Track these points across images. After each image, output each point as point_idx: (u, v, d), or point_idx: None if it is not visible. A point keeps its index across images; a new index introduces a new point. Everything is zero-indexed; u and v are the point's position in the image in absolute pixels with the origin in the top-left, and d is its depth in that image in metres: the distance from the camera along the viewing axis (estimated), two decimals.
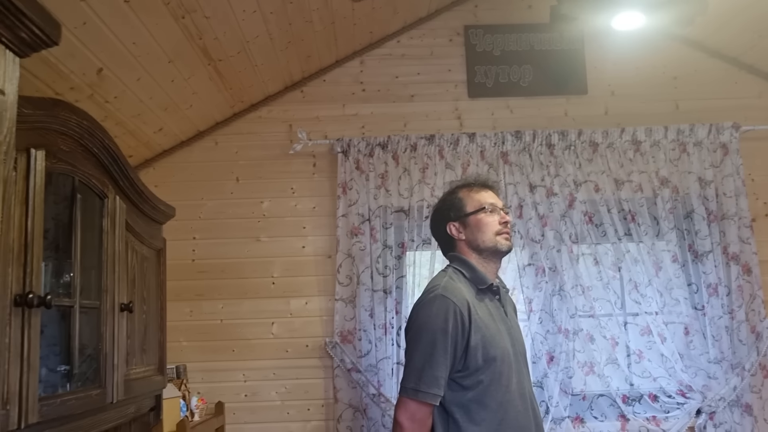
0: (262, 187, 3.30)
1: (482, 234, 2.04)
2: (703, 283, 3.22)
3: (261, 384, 3.16)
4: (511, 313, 2.15)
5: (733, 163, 3.30)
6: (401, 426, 1.91)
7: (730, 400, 3.10)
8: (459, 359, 1.90)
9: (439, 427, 1.92)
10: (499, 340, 1.94)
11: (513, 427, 1.91)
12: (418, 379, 1.88)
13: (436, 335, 1.88)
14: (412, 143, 3.23)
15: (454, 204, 2.09)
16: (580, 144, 3.29)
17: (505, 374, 1.93)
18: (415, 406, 1.89)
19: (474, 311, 1.93)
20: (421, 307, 1.97)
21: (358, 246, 3.14)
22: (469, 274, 2.04)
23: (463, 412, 1.90)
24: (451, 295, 1.92)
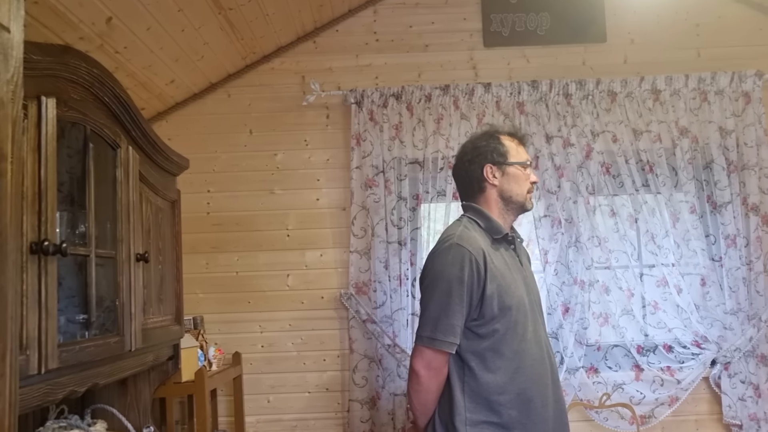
0: (276, 139, 3.28)
1: (518, 187, 2.05)
2: (721, 234, 3.18)
3: (277, 335, 3.19)
4: (526, 263, 2.15)
5: (755, 112, 3.23)
6: (417, 374, 1.92)
7: (746, 350, 3.10)
8: (475, 308, 1.90)
9: (454, 375, 1.93)
10: (514, 289, 1.94)
11: (529, 375, 1.92)
12: (434, 327, 1.89)
13: (452, 284, 1.88)
14: (426, 94, 3.19)
15: (498, 148, 2.06)
16: (598, 93, 3.23)
17: (520, 323, 1.93)
18: (431, 355, 1.90)
19: (489, 260, 1.92)
20: (436, 256, 1.96)
21: (373, 198, 3.13)
22: (485, 224, 2.02)
23: (478, 360, 1.91)
24: (466, 244, 1.91)
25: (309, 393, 3.18)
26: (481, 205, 2.07)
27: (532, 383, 1.91)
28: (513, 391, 1.89)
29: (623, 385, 3.13)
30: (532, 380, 1.91)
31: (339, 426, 3.16)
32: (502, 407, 1.88)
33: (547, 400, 1.94)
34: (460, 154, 2.14)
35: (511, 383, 1.89)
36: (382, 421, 3.05)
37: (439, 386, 1.93)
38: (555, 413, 1.96)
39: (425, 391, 1.93)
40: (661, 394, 3.12)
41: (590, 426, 3.14)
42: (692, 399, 3.16)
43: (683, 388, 3.12)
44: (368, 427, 3.07)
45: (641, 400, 3.11)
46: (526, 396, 1.89)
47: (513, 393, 1.89)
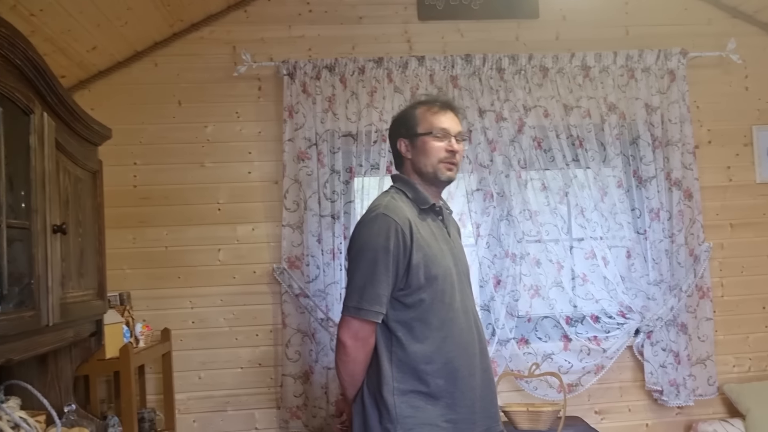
0: (206, 111, 3.19)
1: (425, 158, 2.02)
2: (646, 207, 3.28)
3: (208, 310, 3.13)
4: (455, 234, 2.15)
5: (679, 90, 3.32)
6: (344, 345, 1.92)
7: (667, 319, 3.22)
8: (401, 278, 1.90)
9: (382, 345, 1.93)
10: (441, 259, 1.95)
11: (456, 344, 1.94)
12: (359, 297, 1.88)
13: (377, 253, 1.88)
14: (360, 66, 3.15)
15: (408, 120, 2.06)
16: (531, 69, 3.26)
17: (447, 292, 1.94)
18: (357, 325, 1.90)
19: (416, 230, 1.92)
20: (362, 226, 1.95)
21: (305, 171, 3.09)
22: (412, 194, 2.02)
23: (406, 330, 1.91)
24: (392, 214, 1.91)
25: (241, 369, 3.14)
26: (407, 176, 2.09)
27: (460, 352, 1.93)
28: (440, 361, 1.90)
29: (552, 355, 3.21)
30: (459, 350, 1.93)
31: (272, 401, 3.14)
32: (430, 376, 1.89)
33: (475, 370, 1.96)
34: (389, 129, 2.18)
35: (438, 353, 1.90)
36: (315, 395, 3.04)
37: (367, 356, 1.93)
38: (483, 382, 1.99)
39: (352, 362, 1.93)
40: (587, 363, 3.21)
41: (520, 395, 3.21)
42: (617, 367, 3.27)
43: (609, 357, 3.22)
44: (301, 402, 3.06)
45: (569, 369, 3.20)
46: (453, 365, 1.91)
47: (440, 362, 1.90)
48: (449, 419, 1.90)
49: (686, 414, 3.31)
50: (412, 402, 1.88)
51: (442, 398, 1.90)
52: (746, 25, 3.50)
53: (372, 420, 1.91)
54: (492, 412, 2.02)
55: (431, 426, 1.88)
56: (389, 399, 1.88)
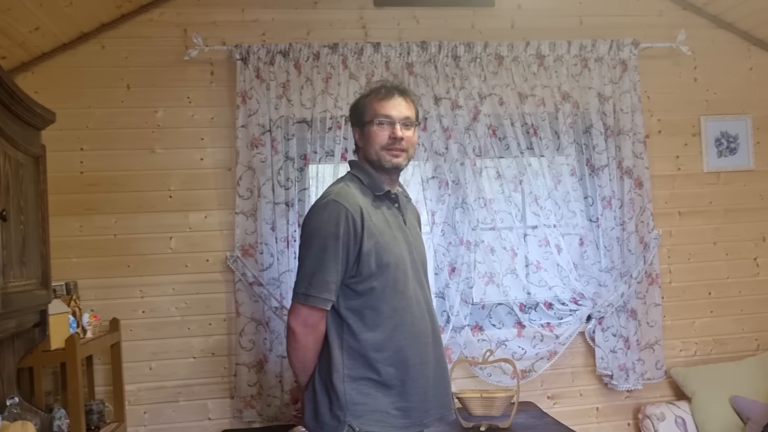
0: (156, 95, 3.10)
1: (370, 146, 2.02)
2: (599, 196, 3.33)
3: (159, 300, 3.07)
4: (412, 222, 2.14)
5: (631, 80, 3.37)
6: (294, 332, 1.90)
7: (618, 306, 3.28)
8: (352, 265, 1.89)
9: (333, 332, 1.92)
10: (393, 246, 1.94)
11: (408, 332, 1.93)
12: (308, 283, 1.87)
13: (326, 240, 1.86)
14: (315, 52, 3.11)
15: (359, 109, 2.07)
16: (486, 57, 3.26)
17: (400, 280, 1.93)
18: (306, 312, 1.89)
19: (368, 217, 1.91)
20: (313, 213, 1.94)
21: (259, 158, 3.04)
22: (366, 180, 2.01)
23: (356, 317, 1.90)
24: (343, 201, 1.90)
25: (194, 358, 3.09)
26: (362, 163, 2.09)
27: (411, 341, 1.93)
28: (391, 349, 1.90)
29: (506, 341, 3.24)
30: (411, 338, 1.93)
31: (225, 390, 3.10)
32: (380, 364, 1.89)
33: (427, 358, 1.96)
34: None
35: (389, 341, 1.90)
36: (269, 384, 3.01)
37: (317, 343, 1.92)
38: (436, 371, 1.99)
39: (303, 349, 1.92)
40: (540, 349, 3.25)
41: (475, 382, 3.24)
42: (569, 353, 3.33)
43: (561, 343, 3.27)
44: (256, 391, 3.02)
45: (522, 355, 3.23)
46: (404, 354, 1.91)
47: (391, 350, 1.90)
48: (400, 407, 1.90)
49: (635, 397, 3.39)
50: (363, 389, 1.88)
51: (393, 386, 1.90)
52: (696, 17, 3.56)
53: (322, 407, 1.91)
54: (445, 401, 2.02)
55: (381, 413, 1.88)
56: (339, 386, 1.87)
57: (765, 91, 3.62)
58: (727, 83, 3.58)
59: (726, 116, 3.57)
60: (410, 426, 1.92)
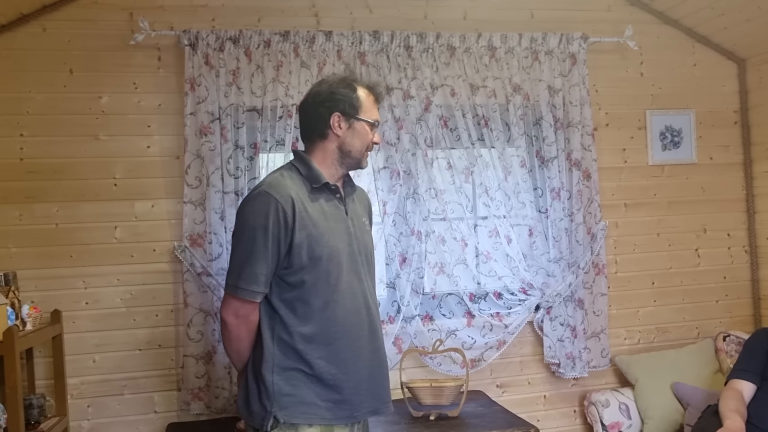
0: (100, 80, 3.01)
1: (359, 144, 2.02)
2: (548, 187, 3.38)
3: (103, 291, 2.99)
4: (357, 212, 2.11)
5: (580, 73, 3.42)
6: (225, 322, 1.92)
7: (566, 295, 3.34)
8: (284, 257, 1.87)
9: (265, 323, 1.92)
10: (328, 239, 1.91)
11: (341, 325, 1.92)
12: (238, 275, 1.87)
13: (256, 232, 1.85)
14: (265, 39, 3.06)
15: (352, 100, 2.01)
16: (438, 47, 3.27)
17: (333, 273, 1.91)
18: (237, 303, 1.89)
19: (301, 208, 1.89)
20: (244, 203, 1.92)
21: (208, 146, 2.98)
22: (305, 171, 1.98)
23: (288, 309, 1.90)
24: (274, 192, 1.88)
25: (140, 350, 3.03)
26: (315, 150, 2.04)
27: (343, 334, 1.92)
28: (322, 342, 1.90)
29: (456, 331, 3.27)
30: (342, 331, 1.92)
31: (172, 383, 3.04)
32: (311, 357, 1.89)
33: (361, 351, 1.95)
34: (314, 93, 2.06)
35: (319, 334, 1.90)
36: (218, 376, 2.97)
37: (250, 333, 1.93)
38: (371, 363, 1.98)
39: (236, 339, 1.94)
40: (490, 339, 3.29)
41: (425, 371, 3.26)
42: (518, 342, 3.38)
43: (510, 332, 3.32)
44: (204, 383, 2.98)
45: (472, 344, 3.27)
46: (335, 346, 1.91)
47: (322, 343, 1.90)
48: (330, 399, 1.91)
49: (581, 385, 3.46)
50: (292, 381, 1.88)
51: (323, 379, 1.90)
52: (642, 13, 3.64)
53: (252, 395, 1.92)
54: (380, 393, 2.01)
55: (309, 405, 1.88)
56: (268, 377, 1.88)
57: (708, 87, 3.73)
58: (671, 78, 3.67)
59: (670, 111, 3.66)
60: (340, 418, 1.92)
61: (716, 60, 3.75)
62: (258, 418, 1.89)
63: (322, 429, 1.89)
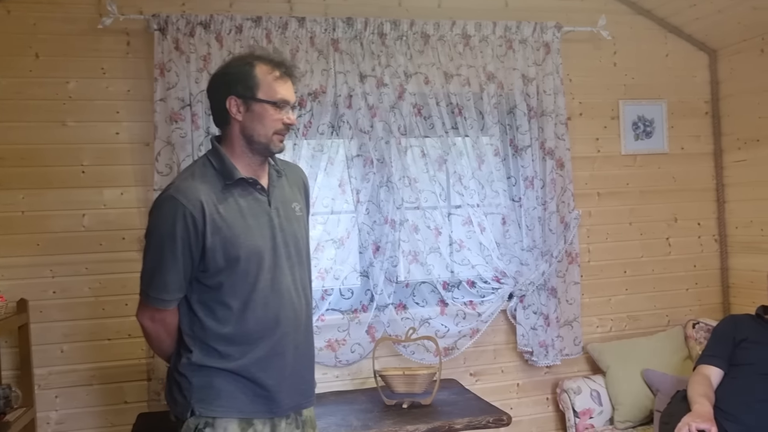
0: (67, 65, 2.95)
1: (261, 128, 1.87)
2: (521, 176, 3.38)
3: (72, 280, 2.94)
4: (286, 199, 1.99)
5: (553, 62, 3.43)
6: (143, 327, 1.90)
7: (539, 284, 3.35)
8: (198, 261, 1.82)
9: (185, 324, 1.89)
10: (246, 238, 1.85)
11: (261, 324, 1.88)
12: (148, 283, 1.85)
13: (163, 240, 1.80)
14: (237, 25, 3.02)
15: (246, 79, 1.87)
16: (412, 35, 3.25)
17: (252, 273, 1.86)
18: (151, 309, 1.87)
19: (212, 211, 1.82)
20: (153, 208, 1.86)
21: (179, 133, 2.94)
22: (218, 165, 1.89)
23: (206, 310, 1.86)
24: (181, 197, 1.80)
25: (109, 340, 2.98)
26: (225, 137, 1.93)
27: (264, 333, 1.88)
28: (241, 342, 1.87)
29: (429, 319, 3.27)
30: (264, 330, 1.88)
31: (143, 372, 3.00)
32: (232, 357, 1.86)
33: (284, 349, 1.91)
34: (213, 75, 1.96)
35: (240, 334, 1.86)
36: None
37: (170, 334, 1.91)
38: (295, 360, 1.94)
39: (156, 341, 1.93)
40: (463, 327, 3.29)
41: (398, 360, 3.26)
42: (491, 330, 3.38)
43: (483, 321, 3.32)
44: None
45: (446, 333, 3.27)
46: (256, 345, 1.87)
47: (243, 343, 1.87)
48: (250, 393, 1.88)
49: (554, 373, 3.48)
50: (212, 377, 1.86)
51: (243, 376, 1.87)
52: (616, 3, 3.65)
53: (174, 388, 1.90)
54: (303, 389, 1.98)
55: (227, 398, 1.86)
56: (188, 373, 1.86)
57: (679, 78, 3.76)
58: (644, 69, 3.70)
59: (643, 101, 3.68)
60: (259, 412, 1.89)
61: (688, 51, 3.78)
62: (180, 408, 1.88)
63: (239, 422, 1.86)
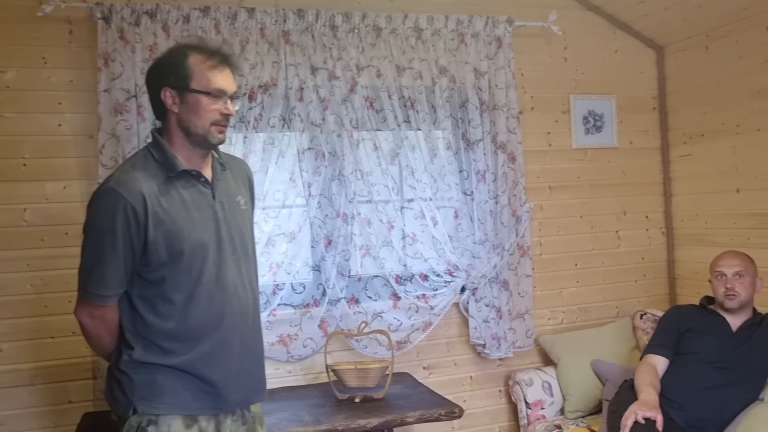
0: (5, 54, 2.84)
1: (197, 119, 1.83)
2: (473, 169, 3.40)
3: (12, 276, 2.84)
4: (231, 193, 1.96)
5: (505, 57, 3.45)
6: (81, 324, 1.85)
7: (491, 277, 3.37)
8: (140, 256, 1.78)
9: (126, 319, 1.84)
10: (189, 231, 1.82)
11: (205, 318, 1.85)
12: (86, 278, 1.79)
13: (103, 234, 1.75)
14: (184, 14, 2.96)
15: (179, 69, 1.83)
16: (364, 27, 3.23)
17: (195, 267, 1.83)
18: (90, 305, 1.81)
19: (154, 203, 1.77)
20: (92, 201, 1.80)
21: (124, 125, 2.86)
22: (160, 158, 1.84)
23: (148, 306, 1.82)
24: (122, 189, 1.75)
25: (52, 338, 2.90)
26: (165, 130, 1.89)
27: (210, 328, 1.85)
28: (186, 338, 1.83)
29: (382, 313, 3.26)
30: (208, 324, 1.85)
31: (87, 371, 2.93)
32: (175, 353, 1.82)
33: (230, 343, 1.88)
34: (149, 67, 1.92)
35: (183, 330, 1.83)
36: None
37: (110, 331, 1.86)
38: (241, 355, 1.91)
39: (95, 338, 1.87)
40: (416, 320, 3.30)
41: (351, 354, 3.24)
42: (444, 323, 3.39)
43: (436, 314, 3.33)
44: None
45: (398, 326, 3.27)
46: (200, 340, 1.84)
47: (186, 339, 1.83)
48: (194, 389, 1.84)
49: (506, 365, 3.51)
50: (154, 374, 1.81)
51: (187, 372, 1.83)
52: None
53: (115, 386, 1.85)
54: (250, 384, 1.95)
55: (171, 395, 1.82)
56: (130, 370, 1.82)
57: (628, 73, 3.82)
58: (594, 64, 3.75)
59: (593, 95, 3.73)
60: (204, 408, 1.85)
61: (636, 47, 3.84)
62: (121, 406, 1.83)
63: (184, 418, 1.82)
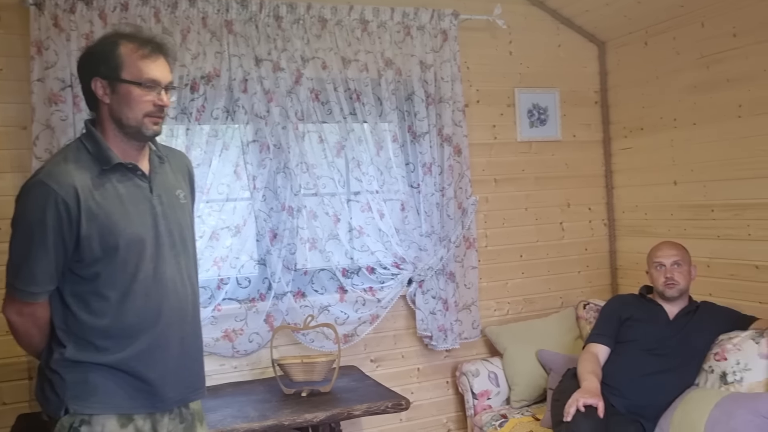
0: None
1: (129, 110, 1.78)
2: (420, 162, 3.40)
3: None
4: (169, 186, 1.91)
5: (451, 50, 3.46)
6: (9, 321, 1.78)
7: (437, 269, 3.39)
8: (72, 251, 1.72)
9: (58, 317, 1.78)
10: (125, 226, 1.77)
11: (140, 315, 1.81)
12: (15, 275, 1.73)
13: (32, 228, 1.69)
14: (122, 2, 2.87)
15: (109, 59, 1.77)
16: (309, 19, 3.19)
17: (131, 262, 1.78)
18: (19, 303, 1.75)
19: (87, 197, 1.72)
20: (21, 194, 1.74)
21: (59, 116, 2.77)
22: (93, 150, 1.79)
23: (81, 303, 1.77)
24: (53, 182, 1.69)
25: None
26: (98, 123, 1.83)
27: (146, 325, 1.81)
28: (121, 335, 1.78)
29: (329, 306, 3.24)
30: (144, 321, 1.81)
31: (23, 371, 2.81)
32: (109, 351, 1.77)
33: (167, 341, 1.84)
34: (79, 57, 1.87)
35: (118, 327, 1.78)
36: None
37: (40, 329, 1.80)
38: (180, 352, 1.88)
39: (25, 336, 1.81)
40: (363, 313, 3.29)
41: (298, 348, 3.22)
42: (391, 316, 3.40)
43: (383, 307, 3.33)
44: None
45: (345, 320, 3.25)
46: (135, 338, 1.80)
47: (121, 337, 1.78)
48: (129, 387, 1.80)
49: (453, 356, 3.54)
50: (87, 373, 1.76)
51: (121, 370, 1.79)
52: None
53: (47, 385, 1.80)
54: (190, 381, 1.92)
55: (104, 394, 1.77)
56: (61, 369, 1.76)
57: (571, 68, 3.88)
58: (538, 58, 3.80)
59: (537, 89, 3.79)
60: (139, 407, 1.81)
61: (579, 42, 3.91)
62: (52, 406, 1.78)
63: (118, 417, 1.78)
